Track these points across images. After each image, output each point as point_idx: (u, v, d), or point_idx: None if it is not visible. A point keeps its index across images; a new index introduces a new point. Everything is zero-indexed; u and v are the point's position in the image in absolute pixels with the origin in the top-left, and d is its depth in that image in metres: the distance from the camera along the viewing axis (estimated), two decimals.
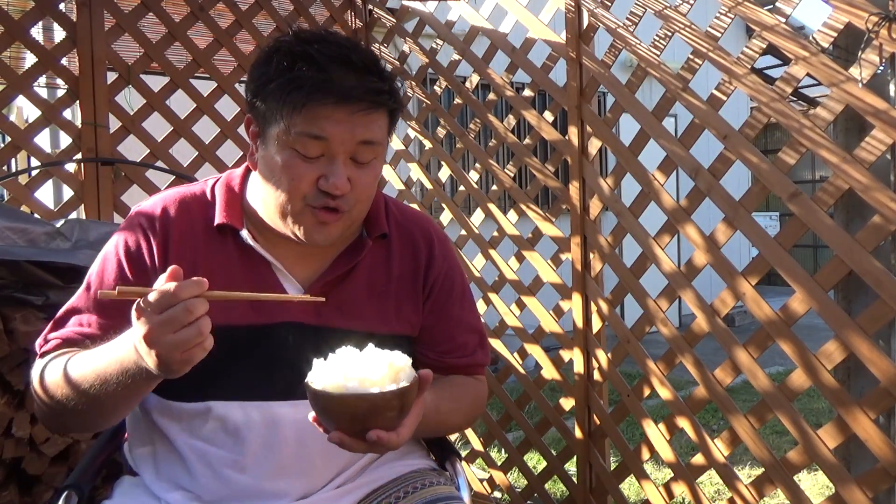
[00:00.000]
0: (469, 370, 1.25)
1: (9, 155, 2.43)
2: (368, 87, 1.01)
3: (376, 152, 1.05)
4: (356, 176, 1.04)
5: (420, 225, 1.23)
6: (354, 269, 1.14)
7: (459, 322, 1.23)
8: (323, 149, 1.02)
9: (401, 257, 1.19)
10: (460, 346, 1.23)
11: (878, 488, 1.66)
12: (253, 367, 1.08)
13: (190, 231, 1.10)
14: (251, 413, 1.07)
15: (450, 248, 1.25)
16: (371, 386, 0.88)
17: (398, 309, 1.17)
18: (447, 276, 1.21)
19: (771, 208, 9.09)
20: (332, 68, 1.00)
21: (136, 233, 1.10)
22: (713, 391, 1.97)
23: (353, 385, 0.88)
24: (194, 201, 1.13)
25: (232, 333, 1.07)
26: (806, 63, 1.70)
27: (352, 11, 3.07)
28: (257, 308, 1.09)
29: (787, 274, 1.77)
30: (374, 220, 1.17)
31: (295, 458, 1.08)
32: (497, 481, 2.77)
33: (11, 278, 1.72)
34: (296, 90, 0.99)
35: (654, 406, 3.82)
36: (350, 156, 1.03)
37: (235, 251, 1.10)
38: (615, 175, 2.27)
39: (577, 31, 2.25)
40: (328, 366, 0.91)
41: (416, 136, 2.98)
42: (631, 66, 4.85)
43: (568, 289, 2.40)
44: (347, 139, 1.01)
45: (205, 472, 1.08)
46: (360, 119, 1.01)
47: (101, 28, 2.42)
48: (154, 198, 1.15)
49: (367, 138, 1.03)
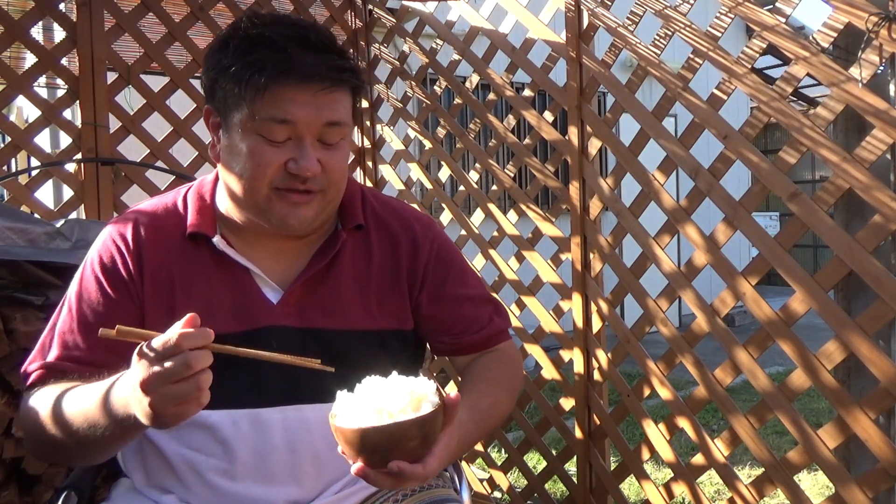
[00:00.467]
0: (490, 342, 1.21)
1: (9, 155, 2.43)
2: (330, 64, 1.00)
3: (343, 133, 1.04)
4: (325, 157, 1.03)
5: (399, 214, 1.20)
6: (333, 266, 1.12)
7: (465, 299, 1.20)
8: (289, 132, 1.00)
9: (380, 250, 1.16)
10: (474, 321, 1.20)
11: (878, 488, 1.66)
12: (239, 375, 1.06)
13: (163, 243, 1.09)
14: (240, 421, 1.06)
15: (437, 232, 1.21)
16: (390, 416, 0.85)
17: (382, 304, 1.14)
18: (439, 259, 1.18)
19: (771, 208, 9.08)
20: (292, 48, 0.98)
21: (110, 248, 1.09)
22: (713, 391, 1.97)
23: (372, 416, 0.85)
24: (166, 213, 1.12)
25: (216, 342, 1.06)
26: (806, 63, 1.70)
27: (352, 11, 3.07)
28: (239, 315, 1.08)
29: (787, 274, 1.77)
30: (349, 211, 1.15)
31: (286, 466, 1.07)
32: (497, 481, 2.77)
33: (11, 278, 1.71)
34: (257, 73, 0.97)
35: (654, 406, 3.82)
36: (317, 137, 1.02)
37: (210, 259, 1.09)
38: (615, 175, 2.27)
39: (577, 30, 2.24)
40: (350, 398, 0.89)
41: (416, 136, 2.98)
42: (631, 65, 4.85)
43: (568, 289, 2.40)
44: (313, 120, 1.00)
45: (195, 480, 1.07)
46: (324, 99, 1.00)
47: (101, 28, 2.42)
48: (125, 213, 1.14)
49: (333, 119, 1.01)
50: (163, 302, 1.07)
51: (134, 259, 1.08)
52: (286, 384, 1.08)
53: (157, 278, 1.08)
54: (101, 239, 1.12)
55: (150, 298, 1.07)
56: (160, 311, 1.07)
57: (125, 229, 1.10)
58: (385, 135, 3.05)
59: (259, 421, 1.06)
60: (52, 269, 1.74)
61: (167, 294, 1.07)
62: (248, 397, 1.07)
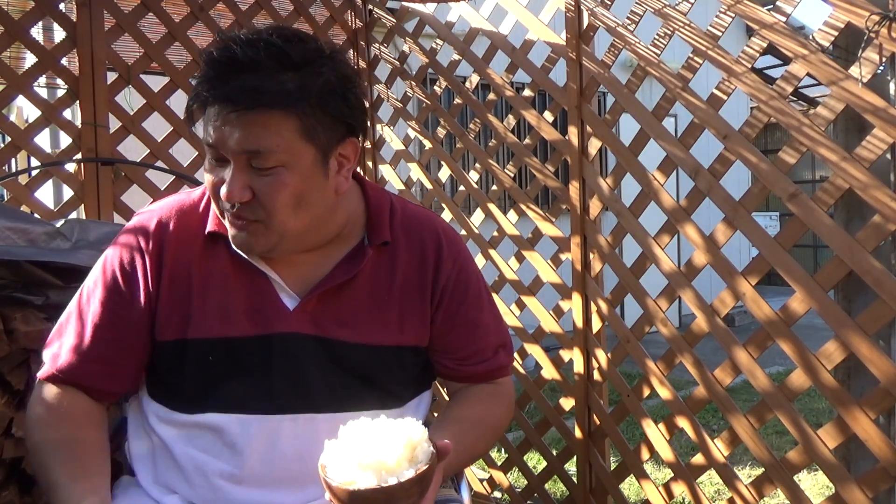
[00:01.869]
0: (489, 375, 1.19)
1: (9, 155, 2.43)
2: (246, 86, 0.93)
3: (278, 159, 0.96)
4: (258, 185, 0.97)
5: (429, 229, 1.16)
6: (355, 279, 1.09)
7: (477, 326, 1.17)
8: (218, 154, 0.98)
9: (406, 265, 1.13)
10: (479, 352, 1.17)
11: (878, 488, 1.66)
12: (252, 380, 1.06)
13: (186, 240, 1.09)
14: (249, 427, 1.05)
15: (461, 250, 1.18)
16: (388, 473, 0.82)
17: (402, 319, 1.12)
18: (458, 280, 1.15)
19: (771, 208, 9.08)
20: (218, 70, 0.95)
21: (130, 244, 1.10)
22: (713, 391, 1.97)
23: (367, 475, 0.82)
24: (191, 209, 1.12)
25: (231, 346, 1.06)
26: (806, 62, 1.70)
27: (352, 11, 3.06)
28: (254, 318, 1.07)
29: (786, 274, 1.77)
30: (377, 226, 1.12)
31: (293, 473, 1.06)
32: (497, 481, 2.77)
33: (11, 278, 1.71)
34: (193, 97, 0.98)
35: (654, 406, 3.82)
36: (247, 163, 0.97)
37: (229, 260, 1.08)
38: (615, 175, 2.27)
39: (577, 31, 2.25)
40: (340, 448, 0.85)
41: (416, 136, 2.98)
42: (631, 66, 4.85)
43: (568, 289, 2.40)
44: (230, 144, 0.95)
45: (201, 482, 1.07)
46: (238, 123, 0.94)
47: (101, 28, 2.42)
48: (153, 207, 1.14)
49: (250, 147, 0.95)
50: (178, 302, 1.08)
51: (153, 259, 1.08)
52: (299, 392, 1.07)
53: (175, 278, 1.08)
54: (121, 236, 1.12)
55: (165, 298, 1.08)
56: (174, 311, 1.07)
57: (148, 228, 1.10)
58: (385, 135, 3.05)
59: (269, 427, 1.06)
60: (52, 269, 1.74)
61: (184, 293, 1.08)
62: (259, 403, 1.06)
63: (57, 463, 1.01)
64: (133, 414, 1.16)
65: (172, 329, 1.07)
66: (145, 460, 1.13)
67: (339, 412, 1.05)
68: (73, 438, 1.04)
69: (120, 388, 1.12)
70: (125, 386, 1.13)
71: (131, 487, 1.14)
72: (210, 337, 1.06)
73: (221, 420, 1.06)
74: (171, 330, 1.07)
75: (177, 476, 1.09)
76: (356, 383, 1.09)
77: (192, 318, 1.07)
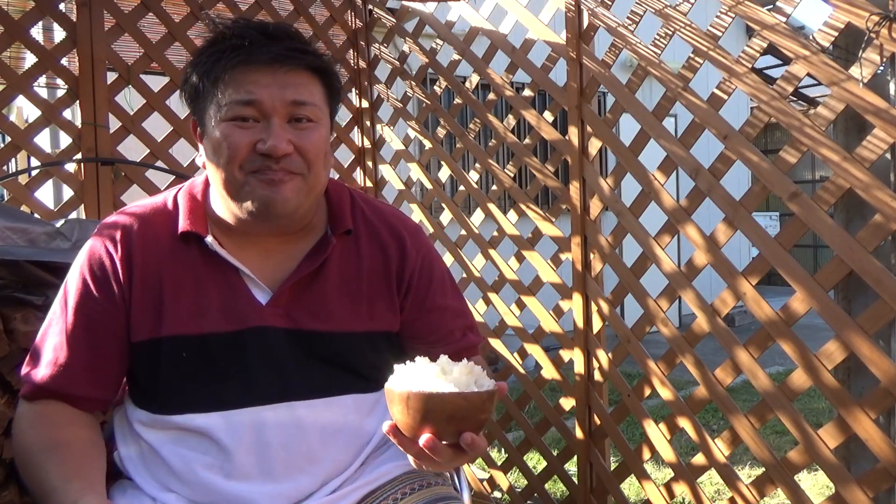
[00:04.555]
0: (461, 355, 1.22)
1: (9, 155, 2.43)
2: (289, 47, 1.04)
3: (314, 114, 1.05)
4: (297, 138, 1.04)
5: (388, 221, 1.21)
6: (323, 269, 1.13)
7: (444, 310, 1.22)
8: (256, 113, 1.03)
9: (369, 254, 1.17)
10: (448, 334, 1.22)
11: (878, 488, 1.66)
12: (230, 376, 1.08)
13: (153, 244, 1.10)
14: (233, 421, 1.07)
15: (423, 240, 1.23)
16: (460, 386, 0.85)
17: (371, 307, 1.15)
18: (423, 269, 1.20)
19: (771, 208, 9.08)
20: (250, 36, 1.03)
21: (99, 252, 1.10)
22: (713, 391, 1.97)
23: (444, 384, 0.85)
24: (155, 214, 1.13)
25: (205, 342, 1.07)
26: (806, 62, 1.70)
27: (352, 11, 3.06)
28: (228, 315, 1.09)
29: (787, 274, 1.77)
30: (339, 216, 1.16)
31: (282, 463, 1.07)
32: (497, 481, 2.77)
33: (11, 278, 1.71)
34: (217, 62, 1.02)
35: (654, 406, 3.82)
36: (286, 118, 1.04)
37: (201, 258, 1.10)
38: (615, 175, 2.27)
39: (577, 30, 2.25)
40: (412, 370, 0.88)
41: (416, 136, 2.98)
42: (631, 66, 4.85)
43: (568, 289, 2.40)
44: (277, 98, 1.02)
45: (193, 478, 1.08)
46: (287, 79, 1.03)
47: (101, 28, 2.42)
48: (115, 216, 1.15)
49: (298, 98, 1.03)
50: (151, 302, 1.08)
51: (123, 262, 1.09)
52: (276, 384, 1.09)
53: (145, 279, 1.09)
54: (90, 243, 1.13)
55: (138, 300, 1.08)
56: (147, 312, 1.08)
57: (115, 232, 1.11)
58: (385, 135, 3.05)
59: (251, 419, 1.07)
60: (52, 269, 1.74)
61: (156, 294, 1.09)
62: (238, 397, 1.08)
63: (47, 469, 1.01)
64: (119, 422, 1.17)
65: (147, 329, 1.08)
66: (135, 461, 1.13)
67: (318, 398, 1.09)
68: (60, 441, 1.04)
69: (102, 394, 1.12)
70: (107, 392, 1.13)
71: (129, 489, 1.14)
72: (184, 334, 1.07)
73: (204, 419, 1.07)
74: (145, 330, 1.08)
75: (170, 476, 1.10)
76: (333, 371, 1.12)
77: (165, 317, 1.08)
